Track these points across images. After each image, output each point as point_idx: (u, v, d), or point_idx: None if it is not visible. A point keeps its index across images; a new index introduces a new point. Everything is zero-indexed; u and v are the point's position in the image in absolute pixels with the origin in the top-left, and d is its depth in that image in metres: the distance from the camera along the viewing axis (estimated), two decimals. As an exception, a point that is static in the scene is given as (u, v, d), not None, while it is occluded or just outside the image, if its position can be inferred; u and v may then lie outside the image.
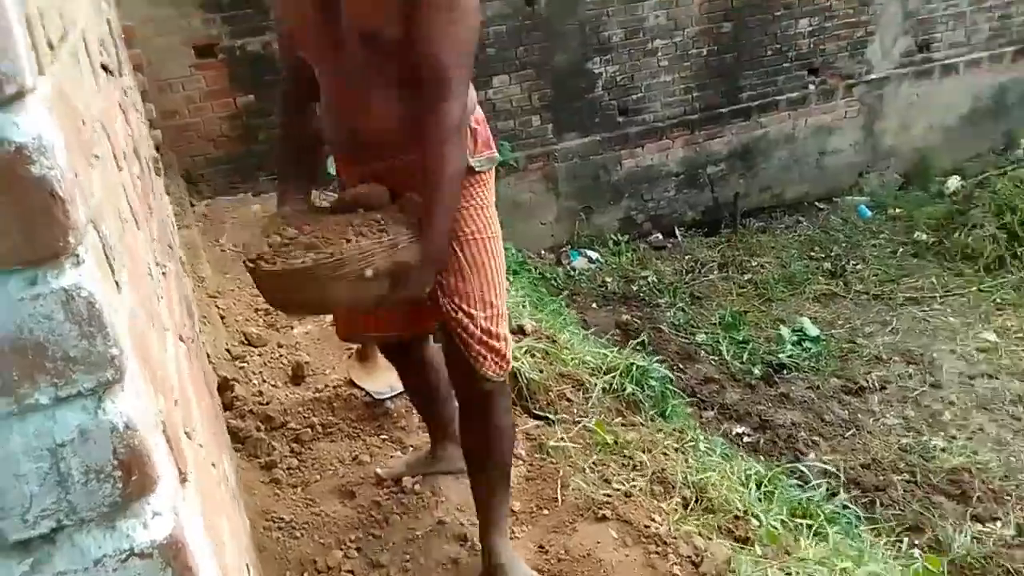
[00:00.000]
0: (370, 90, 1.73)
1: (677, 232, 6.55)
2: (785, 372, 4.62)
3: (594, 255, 6.12)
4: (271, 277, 1.66)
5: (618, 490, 2.40)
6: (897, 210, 6.71)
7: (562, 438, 2.65)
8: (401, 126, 1.74)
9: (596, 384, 3.06)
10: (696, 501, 2.47)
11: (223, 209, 4.81)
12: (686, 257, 6.13)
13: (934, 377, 4.58)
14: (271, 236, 1.71)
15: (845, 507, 3.05)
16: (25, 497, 0.67)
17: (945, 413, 4.27)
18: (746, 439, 3.98)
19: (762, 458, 3.57)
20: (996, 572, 3.10)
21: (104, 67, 1.31)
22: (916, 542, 3.24)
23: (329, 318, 2.97)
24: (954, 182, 6.94)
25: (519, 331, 3.31)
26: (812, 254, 6.15)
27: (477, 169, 1.85)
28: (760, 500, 2.69)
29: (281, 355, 3.16)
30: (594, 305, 5.41)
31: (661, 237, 6.51)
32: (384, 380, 2.81)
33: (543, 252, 6.19)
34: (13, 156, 0.56)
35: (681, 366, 4.49)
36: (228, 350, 3.17)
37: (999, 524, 3.40)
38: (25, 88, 0.56)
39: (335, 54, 1.73)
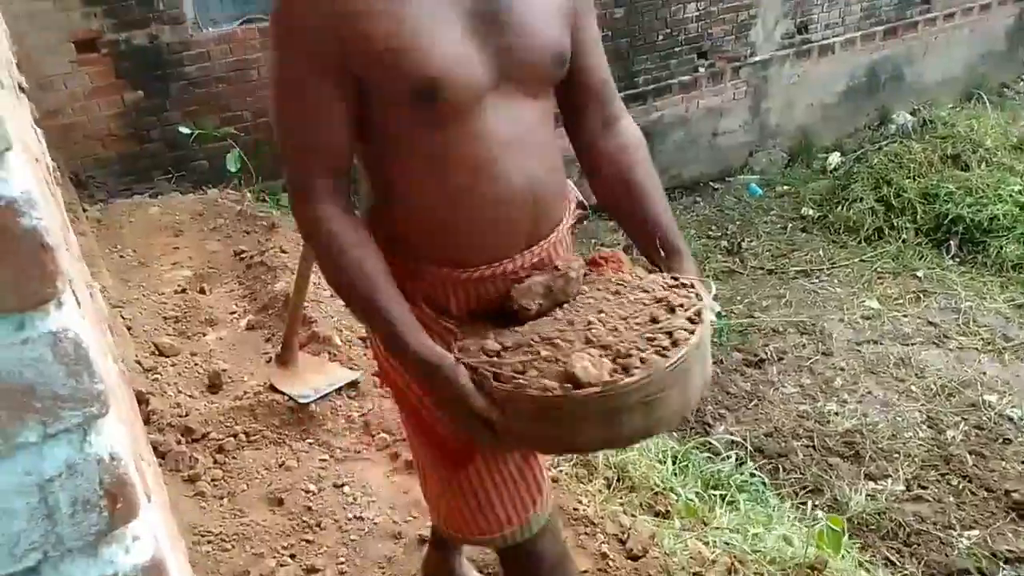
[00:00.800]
0: (537, 139, 1.30)
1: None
2: (691, 349, 4.82)
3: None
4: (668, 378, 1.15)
5: (545, 475, 2.48)
6: (785, 187, 7.05)
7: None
8: (562, 179, 1.41)
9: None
10: (618, 480, 2.59)
11: (119, 213, 4.62)
12: (593, 240, 6.28)
13: (825, 345, 4.87)
14: (576, 366, 1.14)
15: (752, 475, 3.23)
16: (14, 533, 0.68)
17: (837, 379, 4.56)
18: (657, 415, 4.15)
19: (674, 433, 3.74)
20: (889, 526, 3.35)
21: (20, 87, 1.29)
22: (816, 503, 3.46)
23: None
24: (835, 158, 7.35)
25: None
26: (710, 233, 6.40)
27: None
28: (676, 475, 2.83)
29: (196, 364, 3.09)
30: (505, 293, 5.48)
31: (568, 221, 6.63)
32: (306, 383, 2.80)
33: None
34: (4, 211, 0.58)
35: (593, 349, 4.62)
36: (139, 362, 3.08)
37: (890, 481, 3.66)
38: (12, 144, 0.58)
39: (491, 96, 1.23)
